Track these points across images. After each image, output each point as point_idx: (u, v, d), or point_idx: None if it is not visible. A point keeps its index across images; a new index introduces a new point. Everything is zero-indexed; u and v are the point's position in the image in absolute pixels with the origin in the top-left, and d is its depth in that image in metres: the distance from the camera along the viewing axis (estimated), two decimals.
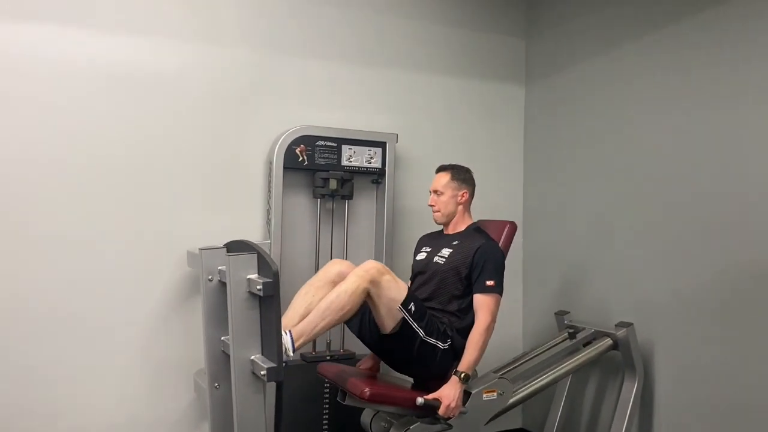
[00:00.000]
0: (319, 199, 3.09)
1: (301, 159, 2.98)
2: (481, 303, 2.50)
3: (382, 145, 3.15)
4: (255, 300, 2.09)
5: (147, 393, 2.85)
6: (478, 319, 2.48)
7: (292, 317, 2.36)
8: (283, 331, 2.16)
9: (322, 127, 3.05)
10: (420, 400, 2.33)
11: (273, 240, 2.93)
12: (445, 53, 3.51)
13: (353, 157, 3.09)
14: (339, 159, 3.06)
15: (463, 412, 2.41)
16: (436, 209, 2.74)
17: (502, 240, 2.77)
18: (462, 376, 2.38)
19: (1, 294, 2.61)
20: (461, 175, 2.74)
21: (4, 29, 2.63)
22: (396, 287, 2.39)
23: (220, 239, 2.59)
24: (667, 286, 2.82)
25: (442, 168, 2.78)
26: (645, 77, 2.97)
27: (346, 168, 3.07)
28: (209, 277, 2.27)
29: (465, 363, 2.41)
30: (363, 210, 3.25)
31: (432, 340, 2.45)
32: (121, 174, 2.81)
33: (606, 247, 3.16)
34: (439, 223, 2.79)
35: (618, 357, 2.93)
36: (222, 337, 2.27)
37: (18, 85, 2.64)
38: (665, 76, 2.87)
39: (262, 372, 2.00)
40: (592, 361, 2.88)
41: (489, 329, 2.47)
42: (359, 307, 2.35)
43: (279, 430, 2.09)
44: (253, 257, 2.10)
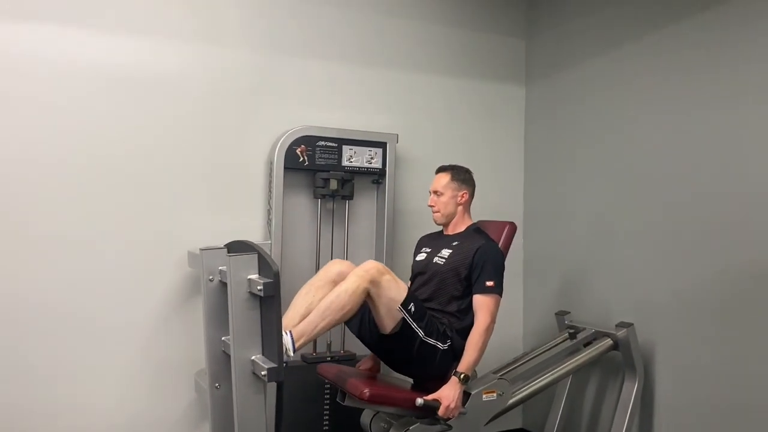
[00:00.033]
0: (319, 200, 3.09)
1: (301, 159, 2.98)
2: (480, 303, 2.50)
3: (383, 145, 3.16)
4: (256, 300, 2.09)
5: (147, 393, 2.85)
6: (478, 320, 2.48)
7: (292, 317, 2.36)
8: (284, 331, 2.16)
9: (323, 128, 3.05)
10: (419, 401, 2.33)
11: (273, 240, 2.93)
12: (445, 53, 3.51)
13: (354, 158, 3.10)
14: (339, 159, 3.06)
15: (462, 413, 2.41)
16: (435, 210, 2.74)
17: (501, 240, 2.77)
18: (461, 376, 2.38)
19: (1, 294, 2.61)
20: (461, 175, 2.74)
21: (4, 29, 2.63)
22: (396, 287, 2.39)
23: (220, 239, 2.59)
24: (667, 286, 2.82)
25: (442, 168, 2.78)
26: (645, 77, 2.97)
27: (347, 168, 3.08)
28: (210, 277, 2.27)
29: (464, 364, 2.41)
30: (363, 210, 3.25)
31: (432, 341, 2.45)
32: (122, 174, 2.81)
33: (606, 247, 3.16)
34: (438, 224, 2.79)
35: (618, 357, 2.93)
36: (223, 338, 2.27)
37: (18, 85, 2.64)
38: (665, 76, 2.87)
39: (263, 372, 1.99)
40: (592, 361, 2.88)
41: (488, 330, 2.47)
42: (359, 306, 2.35)
43: (279, 431, 2.09)
44: (253, 257, 2.10)
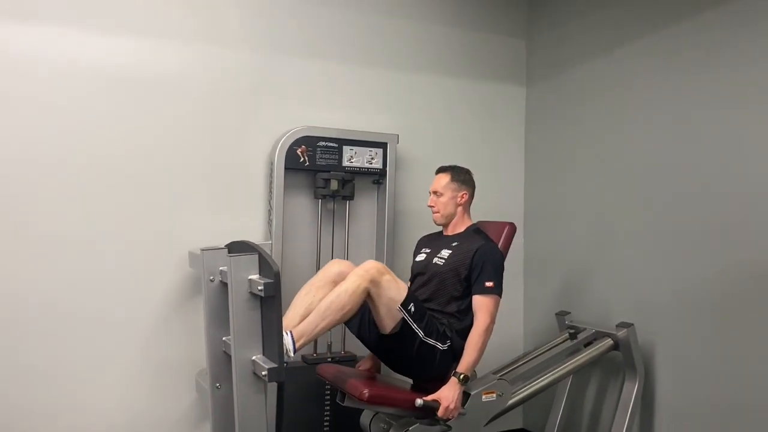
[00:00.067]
0: (320, 200, 3.09)
1: (302, 160, 2.98)
2: (480, 304, 2.50)
3: (383, 145, 3.15)
4: (256, 300, 2.09)
5: (148, 393, 2.85)
6: (477, 321, 2.48)
7: (292, 318, 2.36)
8: (284, 331, 2.16)
9: (323, 128, 3.05)
10: (419, 402, 2.33)
11: (274, 240, 2.93)
12: (445, 54, 3.51)
13: (354, 158, 3.09)
14: (340, 160, 3.06)
15: (462, 414, 2.41)
16: (435, 210, 2.74)
17: (501, 241, 2.77)
18: (461, 377, 2.38)
19: (1, 294, 2.61)
20: (461, 176, 2.74)
21: (4, 29, 2.63)
22: (396, 287, 2.38)
23: (221, 239, 2.59)
24: (667, 286, 2.82)
25: (442, 169, 2.78)
26: (645, 78, 2.97)
27: (347, 169, 3.08)
28: (210, 277, 2.27)
29: (464, 364, 2.41)
30: (364, 210, 3.25)
31: (431, 341, 2.45)
32: (122, 174, 2.81)
33: (606, 248, 3.16)
34: (438, 224, 2.79)
35: (619, 357, 2.93)
36: (223, 338, 2.27)
37: (18, 85, 2.64)
38: (665, 76, 2.87)
39: (264, 372, 2.00)
40: (592, 361, 2.88)
41: (488, 330, 2.46)
42: (359, 306, 2.34)
43: (280, 431, 2.09)
44: (254, 258, 2.10)
